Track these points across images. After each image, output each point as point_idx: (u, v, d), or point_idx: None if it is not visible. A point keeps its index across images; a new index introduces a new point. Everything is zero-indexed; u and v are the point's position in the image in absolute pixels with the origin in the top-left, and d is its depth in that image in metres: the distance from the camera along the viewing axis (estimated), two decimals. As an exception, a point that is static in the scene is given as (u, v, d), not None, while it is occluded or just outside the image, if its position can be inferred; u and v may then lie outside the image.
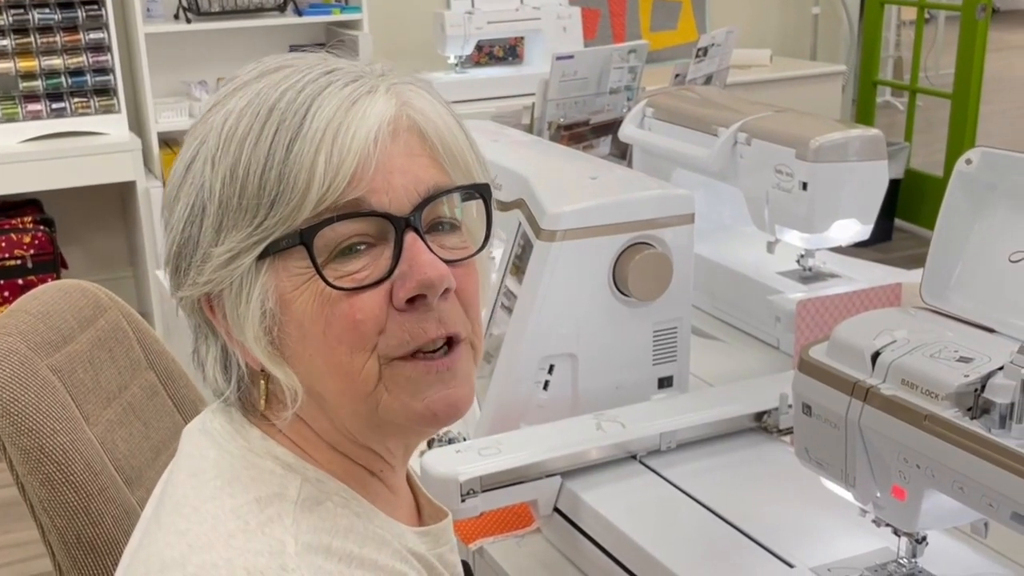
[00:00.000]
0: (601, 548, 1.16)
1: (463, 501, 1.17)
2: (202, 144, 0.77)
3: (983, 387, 0.86)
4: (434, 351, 0.77)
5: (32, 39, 3.66)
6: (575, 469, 1.24)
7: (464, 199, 0.81)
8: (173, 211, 0.78)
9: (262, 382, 0.79)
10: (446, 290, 0.76)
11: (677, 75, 2.37)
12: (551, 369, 1.39)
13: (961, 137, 4.68)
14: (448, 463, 1.18)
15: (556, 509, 1.23)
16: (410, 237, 0.75)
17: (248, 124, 0.74)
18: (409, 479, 0.92)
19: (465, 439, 1.43)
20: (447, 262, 0.76)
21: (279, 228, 0.73)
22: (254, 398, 0.80)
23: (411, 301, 0.74)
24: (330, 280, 0.74)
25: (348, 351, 0.75)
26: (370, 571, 0.75)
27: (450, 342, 0.77)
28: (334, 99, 0.74)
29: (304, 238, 0.73)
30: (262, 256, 0.74)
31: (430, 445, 1.45)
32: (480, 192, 0.81)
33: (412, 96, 0.79)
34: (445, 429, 1.49)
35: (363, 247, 0.75)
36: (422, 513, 0.91)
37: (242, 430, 0.80)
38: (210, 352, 0.81)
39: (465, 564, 0.93)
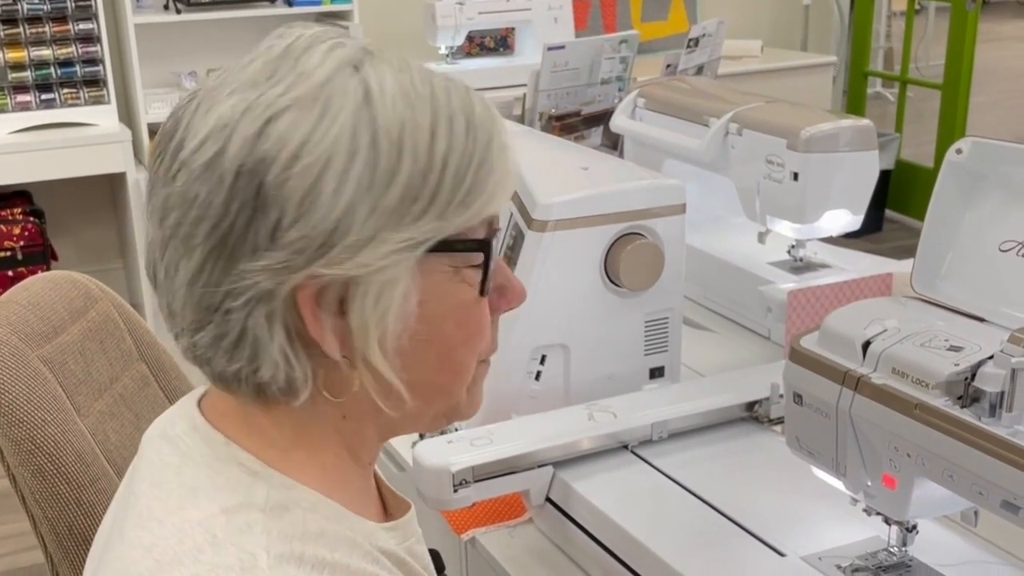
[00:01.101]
0: (593, 538, 1.17)
1: (455, 491, 1.17)
2: (402, 127, 0.71)
3: (973, 376, 0.86)
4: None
5: (21, 29, 3.64)
6: (567, 459, 1.24)
7: None
8: (324, 179, 0.69)
9: (323, 371, 0.74)
10: None
11: (668, 66, 2.37)
12: (543, 359, 1.39)
13: (951, 128, 4.69)
14: (440, 453, 1.19)
15: (548, 499, 1.24)
16: (497, 254, 0.78)
17: (461, 114, 0.73)
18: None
19: (457, 429, 1.43)
20: None
21: (458, 228, 0.73)
22: (312, 387, 0.74)
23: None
24: (484, 290, 0.76)
25: (470, 352, 0.78)
26: (342, 575, 0.73)
27: None
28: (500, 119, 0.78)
29: (484, 245, 0.75)
30: (427, 252, 0.73)
31: (421, 436, 1.45)
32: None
33: None
34: (437, 420, 1.50)
35: None
36: (387, 505, 0.90)
37: (206, 436, 0.77)
38: (275, 339, 0.71)
39: (434, 552, 0.93)
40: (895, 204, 4.91)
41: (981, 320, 0.95)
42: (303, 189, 0.68)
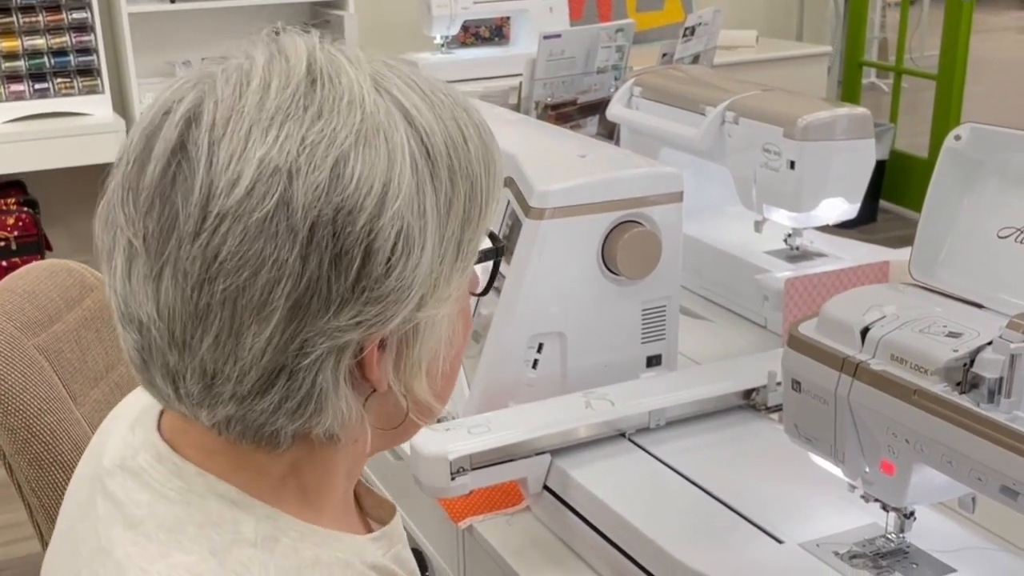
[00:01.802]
0: (591, 526, 1.17)
1: (453, 479, 1.17)
2: (420, 148, 0.64)
3: (972, 362, 0.86)
4: None
5: (14, 19, 3.63)
6: (564, 447, 1.24)
7: None
8: (416, 233, 0.63)
9: (400, 399, 0.69)
10: None
11: (664, 55, 2.37)
12: (540, 348, 1.39)
13: (946, 119, 4.69)
14: (438, 441, 1.18)
15: (546, 487, 1.23)
16: None
17: (474, 123, 0.68)
18: None
19: (453, 418, 1.43)
20: None
21: (478, 238, 0.69)
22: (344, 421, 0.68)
23: None
24: (477, 290, 0.74)
25: (460, 360, 0.75)
26: None
27: None
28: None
29: (501, 248, 0.73)
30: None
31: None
32: None
33: None
34: (434, 408, 1.49)
35: None
36: (362, 505, 0.85)
37: (176, 467, 0.69)
38: (340, 390, 0.65)
39: (417, 552, 0.89)
40: (890, 195, 4.91)
41: (979, 307, 0.95)
42: (394, 236, 0.61)
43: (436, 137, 0.64)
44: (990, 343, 0.86)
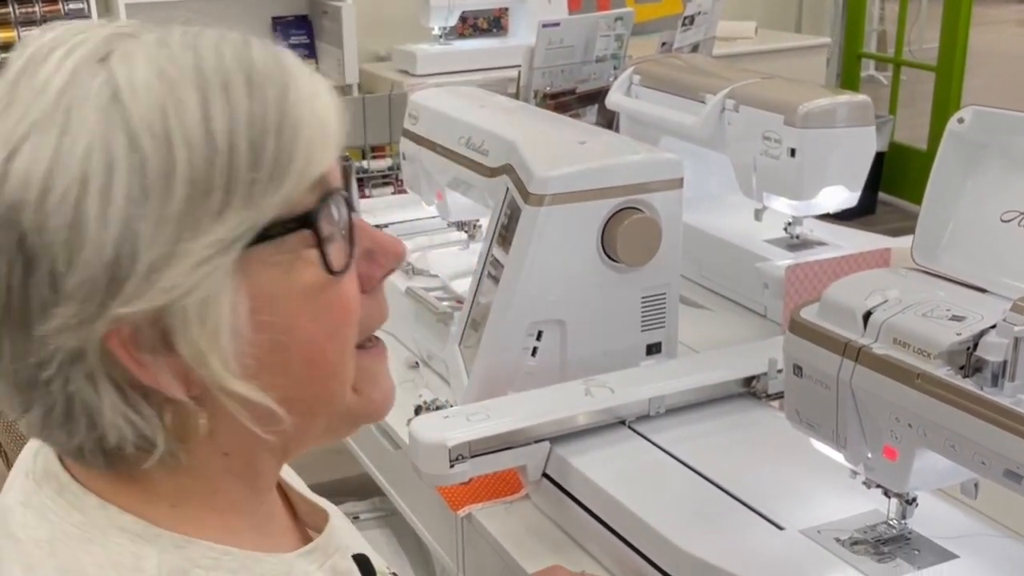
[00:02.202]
0: (591, 513, 1.16)
1: (452, 467, 1.16)
2: (123, 120, 0.58)
3: (975, 345, 0.85)
4: (371, 341, 0.69)
5: (11, 9, 3.62)
6: (564, 434, 1.23)
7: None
8: (86, 211, 0.57)
9: (195, 414, 0.63)
10: None
11: (664, 43, 2.36)
12: (539, 335, 1.38)
13: (945, 111, 4.69)
14: (436, 429, 1.18)
15: (545, 475, 1.23)
16: (352, 213, 0.66)
17: (221, 82, 0.60)
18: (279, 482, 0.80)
19: (452, 406, 1.42)
20: None
21: (276, 210, 0.60)
22: (159, 436, 0.62)
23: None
24: (332, 265, 0.63)
25: (339, 347, 0.65)
26: None
27: None
28: (294, 62, 0.64)
29: (310, 219, 0.62)
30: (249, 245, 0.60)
31: (417, 412, 1.44)
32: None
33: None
34: (433, 397, 1.49)
35: None
36: (297, 513, 0.79)
37: (76, 500, 0.64)
38: (105, 401, 0.60)
39: (362, 558, 0.80)
40: (888, 186, 4.91)
41: (983, 290, 0.95)
42: (65, 226, 0.56)
43: (146, 108, 0.58)
44: (994, 327, 0.85)
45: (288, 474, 0.82)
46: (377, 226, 1.85)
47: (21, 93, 0.59)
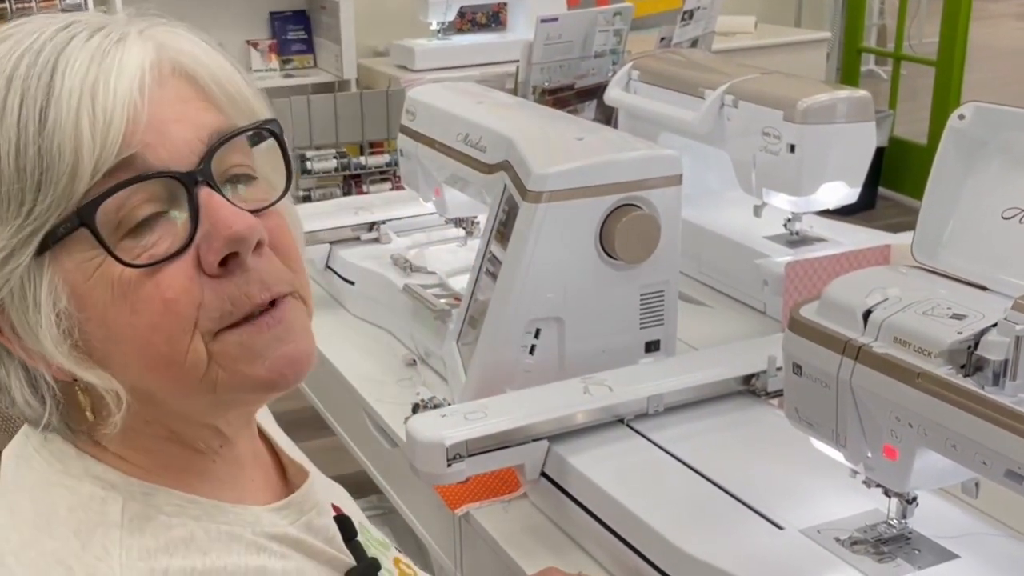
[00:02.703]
0: (589, 512, 1.15)
1: (449, 466, 1.16)
2: None
3: (976, 344, 0.84)
4: (261, 312, 0.69)
5: (7, 4, 3.60)
6: (562, 433, 1.22)
7: (253, 143, 0.73)
8: None
9: (79, 393, 0.69)
10: (259, 244, 0.68)
11: (663, 39, 2.34)
12: (537, 333, 1.37)
13: (945, 105, 4.68)
14: (434, 428, 1.17)
15: (543, 473, 1.22)
16: (204, 193, 0.66)
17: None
18: (269, 442, 0.85)
19: (450, 404, 1.41)
20: (252, 213, 0.69)
21: (53, 212, 0.63)
22: (77, 415, 0.71)
23: (223, 264, 0.67)
24: (124, 259, 0.65)
25: (166, 338, 0.66)
26: None
27: (274, 300, 0.70)
28: (82, 53, 0.65)
29: (83, 216, 0.63)
30: (41, 249, 0.64)
31: (415, 410, 1.44)
32: (269, 130, 0.73)
33: (171, 38, 0.70)
34: (430, 395, 1.48)
35: (156, 214, 0.66)
36: (287, 474, 0.84)
37: (59, 451, 0.71)
38: (12, 374, 0.69)
39: (342, 519, 0.83)
40: (888, 181, 4.89)
41: (983, 288, 0.94)
42: None
43: None
44: (995, 325, 0.84)
45: (281, 437, 0.88)
46: (373, 223, 1.86)
47: None
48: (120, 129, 0.64)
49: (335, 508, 0.84)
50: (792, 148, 1.54)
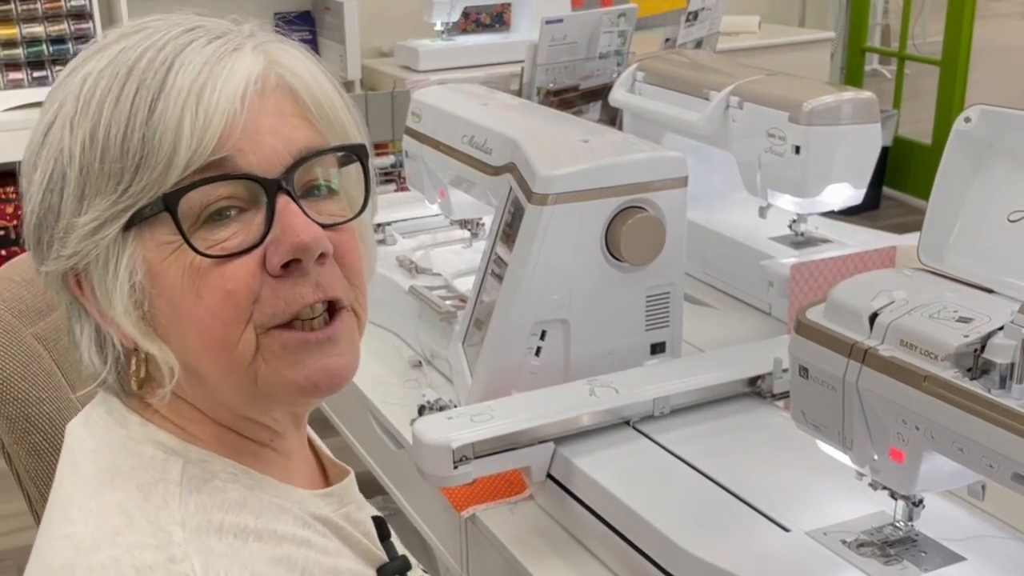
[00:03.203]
0: (595, 514, 1.16)
1: (455, 468, 1.16)
2: (60, 108, 0.73)
3: (983, 347, 0.84)
4: (312, 319, 0.74)
5: (12, 5, 3.60)
6: (568, 435, 1.23)
7: (342, 163, 0.79)
8: (31, 180, 0.75)
9: (135, 361, 0.76)
10: (323, 255, 0.73)
11: (667, 39, 2.35)
12: (543, 335, 1.38)
13: (950, 104, 4.67)
14: (440, 430, 1.17)
15: (549, 475, 1.22)
16: (282, 201, 0.72)
17: (107, 85, 0.71)
18: (310, 441, 0.90)
19: (456, 406, 1.42)
20: (324, 227, 0.74)
21: (145, 195, 0.70)
22: (129, 379, 0.78)
23: (286, 267, 0.72)
24: (198, 248, 0.71)
25: (222, 324, 0.72)
26: (269, 542, 0.73)
27: (331, 309, 0.75)
28: (198, 56, 0.72)
29: (168, 203, 0.70)
30: (128, 225, 0.71)
31: (421, 412, 1.44)
32: (356, 153, 0.79)
33: (282, 55, 0.76)
34: (436, 396, 1.48)
35: (233, 213, 0.72)
36: (328, 475, 0.89)
37: (121, 418, 0.77)
38: (84, 332, 0.77)
39: (379, 520, 0.89)
40: (893, 181, 4.89)
41: (990, 291, 0.94)
42: (25, 185, 0.75)
43: (65, 101, 0.73)
44: (1001, 328, 0.84)
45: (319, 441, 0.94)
46: (378, 225, 1.86)
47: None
48: (217, 132, 0.70)
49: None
50: (797, 149, 1.54)
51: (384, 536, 0.89)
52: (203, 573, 0.68)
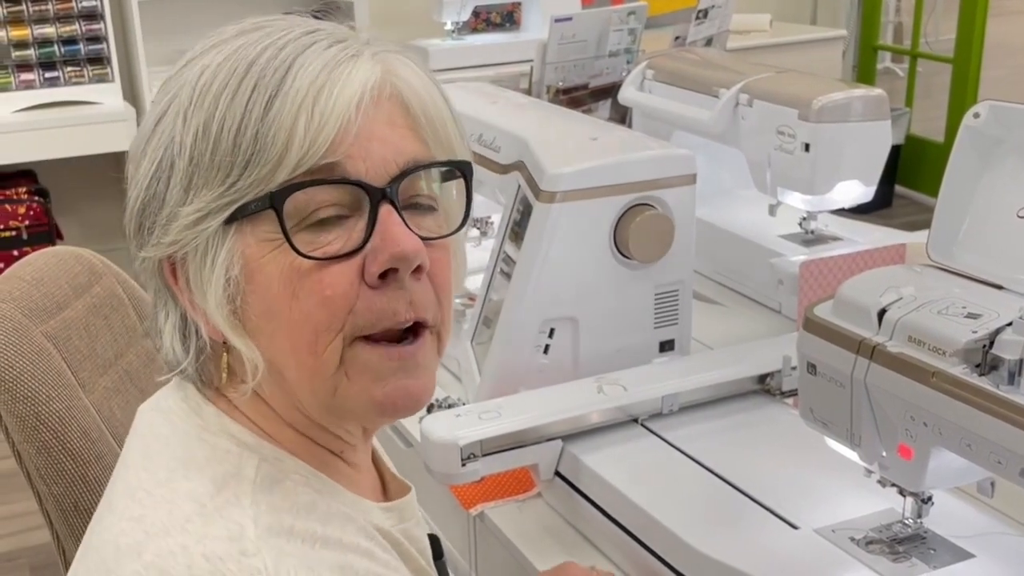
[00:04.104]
0: (603, 512, 1.15)
1: (463, 465, 1.16)
2: (174, 99, 0.74)
3: (991, 343, 0.84)
4: (399, 340, 0.74)
5: (24, 7, 3.62)
6: (576, 433, 1.23)
7: (444, 178, 0.79)
8: (139, 166, 0.75)
9: (223, 355, 0.76)
10: (419, 268, 0.73)
11: (677, 37, 2.34)
12: (551, 333, 1.37)
13: (962, 102, 4.65)
14: (448, 427, 1.17)
15: (557, 473, 1.22)
16: (385, 209, 0.72)
17: (224, 80, 0.72)
18: (373, 455, 0.90)
19: (464, 404, 1.42)
20: (422, 240, 0.74)
21: (251, 191, 0.70)
22: (211, 372, 0.78)
23: (383, 277, 0.72)
24: (300, 249, 0.71)
25: (313, 329, 0.72)
26: (334, 550, 0.72)
27: (416, 330, 0.75)
28: (318, 59, 0.72)
29: (275, 202, 0.70)
30: (231, 219, 0.71)
31: (429, 410, 1.44)
32: (461, 170, 0.79)
33: (398, 65, 0.76)
34: (444, 394, 1.48)
35: (336, 217, 0.72)
36: (387, 489, 0.89)
37: (197, 408, 0.77)
38: (169, 320, 0.77)
39: (433, 538, 0.91)
40: (905, 179, 4.87)
41: (999, 287, 0.94)
42: (132, 170, 0.76)
43: (181, 94, 0.73)
44: (1010, 324, 0.84)
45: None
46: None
47: None
48: (330, 136, 0.70)
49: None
50: (807, 147, 1.54)
51: (437, 556, 0.90)
52: (274, 569, 0.67)
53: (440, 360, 0.79)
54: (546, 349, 1.38)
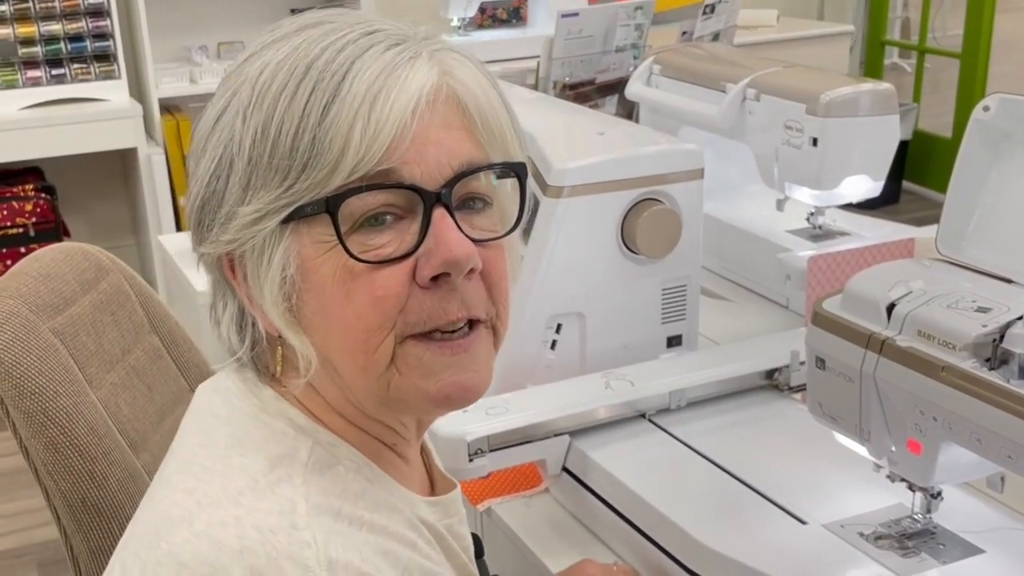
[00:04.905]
0: (611, 507, 1.15)
1: (471, 461, 1.16)
2: (234, 96, 0.74)
3: (1002, 337, 0.84)
4: (453, 331, 0.75)
5: (31, 4, 3.62)
6: (584, 428, 1.22)
7: (499, 175, 0.79)
8: (199, 163, 0.76)
9: (278, 348, 0.78)
10: (471, 271, 0.74)
11: (684, 33, 2.34)
12: (559, 328, 1.37)
13: (970, 98, 4.64)
14: (455, 423, 1.17)
15: (565, 469, 1.22)
16: (439, 213, 0.73)
17: (284, 80, 0.72)
18: (423, 450, 0.91)
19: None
20: (475, 241, 0.74)
21: (308, 194, 0.71)
22: (267, 363, 0.80)
23: (435, 279, 0.73)
24: (353, 252, 0.72)
25: (365, 328, 0.73)
26: (380, 536, 0.74)
27: (470, 324, 0.75)
28: (375, 64, 0.72)
29: (330, 206, 0.71)
30: (287, 220, 0.72)
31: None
32: (516, 171, 0.79)
33: (455, 65, 0.76)
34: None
35: (390, 220, 0.73)
36: (434, 485, 0.90)
37: (255, 389, 0.79)
38: (227, 311, 0.79)
39: (476, 536, 0.92)
40: (912, 175, 4.86)
41: (1009, 281, 0.93)
42: (193, 166, 0.77)
43: (240, 94, 0.74)
44: (1020, 318, 0.84)
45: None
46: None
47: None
48: (385, 143, 0.71)
49: None
50: (815, 141, 1.53)
51: (479, 554, 0.91)
52: (323, 544, 0.69)
53: (495, 353, 0.79)
54: (553, 344, 1.38)
